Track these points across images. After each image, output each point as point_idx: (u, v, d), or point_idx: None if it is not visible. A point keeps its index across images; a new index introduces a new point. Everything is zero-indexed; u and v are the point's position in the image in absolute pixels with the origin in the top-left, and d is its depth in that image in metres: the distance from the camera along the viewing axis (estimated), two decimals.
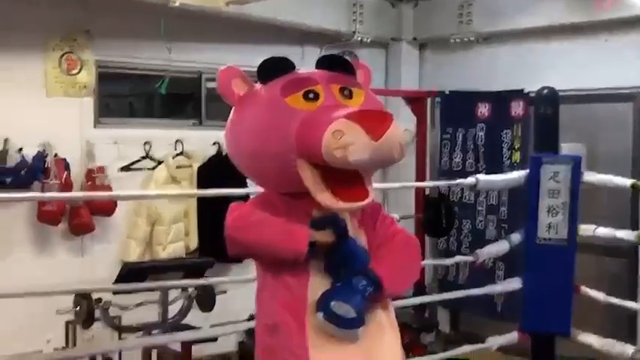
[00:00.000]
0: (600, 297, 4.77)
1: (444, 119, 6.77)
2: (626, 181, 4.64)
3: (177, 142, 5.83)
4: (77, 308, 4.35)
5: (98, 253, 5.55)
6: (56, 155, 5.24)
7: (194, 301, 4.55)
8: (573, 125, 5.54)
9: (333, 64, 2.41)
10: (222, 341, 4.84)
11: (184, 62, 5.91)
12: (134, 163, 5.68)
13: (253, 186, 2.83)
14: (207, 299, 4.51)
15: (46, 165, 5.17)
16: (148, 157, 5.74)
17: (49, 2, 5.26)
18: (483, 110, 6.40)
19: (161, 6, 5.16)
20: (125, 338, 4.70)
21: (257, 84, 2.39)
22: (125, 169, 5.64)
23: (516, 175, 4.90)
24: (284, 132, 2.18)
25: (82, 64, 5.45)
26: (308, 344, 2.24)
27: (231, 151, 2.43)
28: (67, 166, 5.30)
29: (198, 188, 5.75)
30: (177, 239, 5.75)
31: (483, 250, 4.99)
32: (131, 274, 4.38)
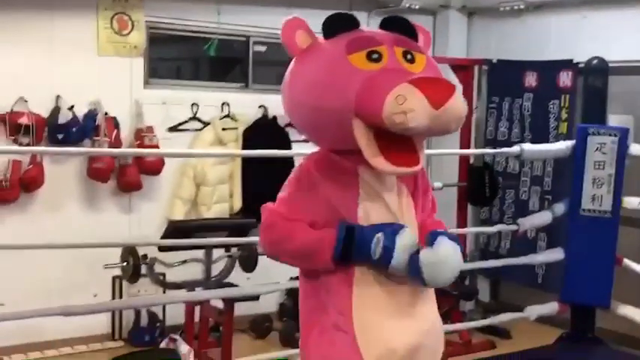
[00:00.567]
0: None
1: (490, 88, 6.71)
2: None
3: (223, 104, 5.89)
4: (124, 264, 4.48)
5: (145, 211, 5.67)
6: (106, 114, 5.34)
7: (237, 261, 4.62)
8: (622, 97, 5.47)
9: (397, 26, 2.35)
10: (263, 301, 4.89)
11: (233, 25, 5.96)
12: (182, 124, 5.76)
13: (297, 149, 2.81)
14: (249, 260, 4.55)
15: (96, 123, 5.28)
16: (195, 118, 5.81)
17: None
18: (531, 80, 6.33)
19: None
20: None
21: (320, 38, 2.33)
22: (173, 129, 5.72)
23: (562, 145, 4.87)
24: (344, 89, 2.16)
25: (133, 25, 5.52)
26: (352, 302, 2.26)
27: (286, 105, 2.39)
28: (116, 125, 5.41)
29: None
30: (222, 200, 5.84)
31: (526, 219, 4.98)
32: (176, 232, 4.48)
